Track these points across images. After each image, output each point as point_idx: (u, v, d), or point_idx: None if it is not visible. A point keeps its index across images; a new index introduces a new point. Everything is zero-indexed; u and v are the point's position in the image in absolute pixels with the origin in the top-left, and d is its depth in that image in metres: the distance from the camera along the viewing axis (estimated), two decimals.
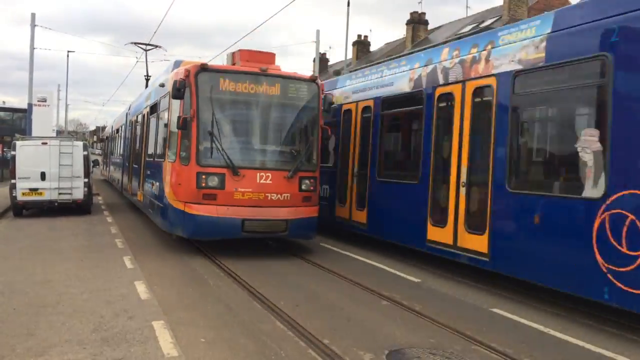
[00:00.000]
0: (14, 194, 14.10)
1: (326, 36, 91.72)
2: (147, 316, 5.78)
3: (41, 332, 5.22)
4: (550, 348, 5.36)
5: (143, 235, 11.79)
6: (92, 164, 16.30)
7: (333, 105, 10.76)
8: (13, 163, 14.22)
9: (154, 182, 11.44)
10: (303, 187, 9.49)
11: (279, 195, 9.21)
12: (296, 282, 7.80)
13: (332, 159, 12.11)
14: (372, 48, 42.22)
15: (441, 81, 8.63)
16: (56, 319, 5.63)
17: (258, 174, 9.08)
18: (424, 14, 35.02)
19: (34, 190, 14.18)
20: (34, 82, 25.55)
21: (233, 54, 10.33)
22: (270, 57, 10.08)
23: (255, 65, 9.56)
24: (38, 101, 24.98)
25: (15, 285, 6.99)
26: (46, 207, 14.62)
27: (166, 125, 10.20)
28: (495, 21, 27.49)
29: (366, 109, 10.85)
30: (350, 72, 8.93)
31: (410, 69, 9.61)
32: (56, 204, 14.46)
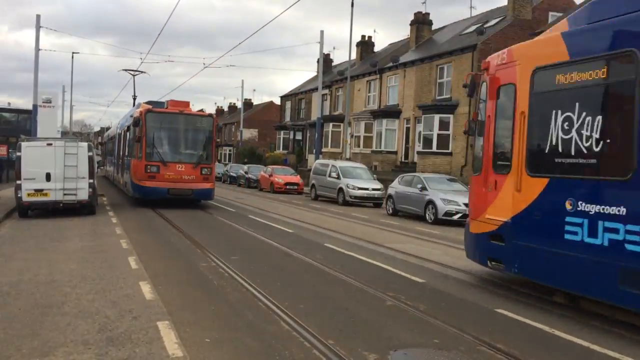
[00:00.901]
0: (19, 195, 14.14)
1: (330, 37, 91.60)
2: (152, 316, 5.79)
3: (46, 332, 5.24)
4: (556, 349, 5.34)
5: (148, 236, 11.82)
6: (96, 165, 16.38)
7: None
8: (18, 164, 14.26)
9: (126, 171, 19.50)
10: (203, 172, 17.44)
11: (188, 177, 17.19)
12: (300, 282, 7.80)
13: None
14: (376, 49, 42.22)
15: None
16: (61, 319, 5.65)
17: (177, 165, 17.14)
18: (428, 14, 35.00)
19: (39, 191, 14.23)
20: (39, 83, 25.75)
21: (167, 101, 18.82)
22: (186, 104, 18.54)
23: (177, 108, 17.87)
24: (43, 102, 25.05)
25: (20, 285, 7.02)
26: (51, 207, 14.67)
27: (131, 139, 18.43)
28: (500, 21, 27.44)
29: None
30: None
31: None
32: (61, 204, 14.50)
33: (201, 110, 19.70)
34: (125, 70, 31.94)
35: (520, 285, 8.04)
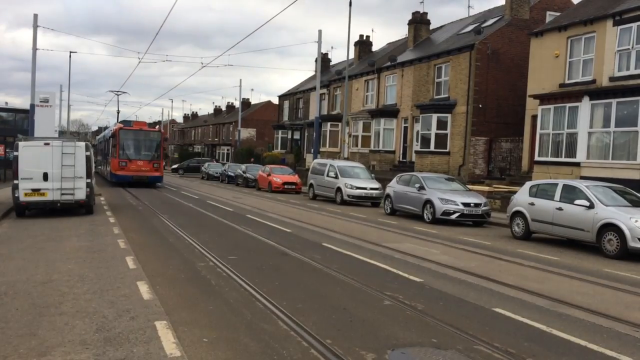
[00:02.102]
0: (16, 195, 14.12)
1: (328, 36, 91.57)
2: (150, 316, 5.79)
3: (44, 332, 5.24)
4: (553, 348, 5.35)
5: (145, 236, 11.82)
6: (94, 165, 16.36)
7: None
8: (15, 164, 14.24)
9: (108, 165, 30.86)
10: (154, 166, 27.45)
11: (145, 169, 27.21)
12: (298, 282, 7.81)
13: None
14: (374, 48, 42.22)
15: None
16: (59, 319, 5.65)
17: (138, 162, 27.08)
18: (425, 13, 35.03)
19: (36, 190, 14.21)
20: (36, 82, 25.69)
21: (132, 122, 29.98)
22: (144, 123, 30.39)
23: (138, 126, 28.57)
24: (40, 102, 25.03)
25: (18, 285, 7.01)
26: (49, 207, 14.66)
27: (111, 145, 29.33)
28: (497, 21, 27.47)
29: None
30: None
31: None
32: (59, 204, 14.48)
33: (153, 127, 32.68)
34: (111, 90, 42.08)
35: (518, 284, 8.07)
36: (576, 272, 9.42)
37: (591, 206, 11.66)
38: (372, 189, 22.18)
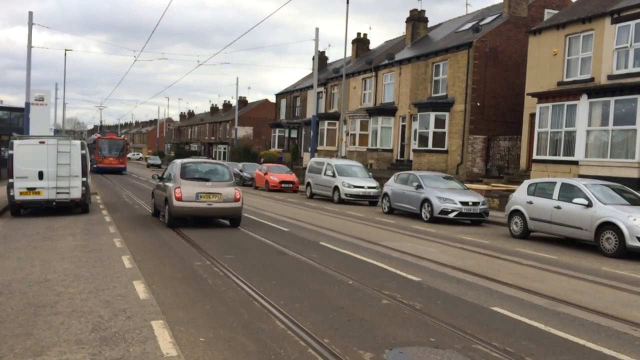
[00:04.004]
0: (11, 194, 14.02)
1: (325, 34, 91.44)
2: (146, 316, 5.75)
3: (39, 331, 5.19)
4: (551, 347, 5.33)
5: (142, 235, 11.76)
6: (89, 163, 16.26)
7: None
8: (10, 162, 14.13)
9: (92, 162, 36.95)
10: (120, 160, 43.55)
11: (114, 162, 42.76)
12: (296, 281, 7.77)
13: None
14: (372, 46, 42.17)
15: None
16: (55, 318, 5.60)
17: (110, 158, 42.64)
18: (423, 11, 35.01)
19: (31, 189, 14.13)
20: (32, 81, 25.58)
21: (107, 132, 56.01)
22: (115, 134, 50.06)
23: (110, 136, 46.10)
24: (35, 100, 24.92)
25: (13, 285, 6.96)
26: (44, 206, 14.57)
27: (93, 148, 39.18)
28: (495, 19, 27.45)
29: None
30: None
31: None
32: (54, 203, 14.40)
33: (120, 136, 50.07)
34: (96, 105, 51.06)
35: (515, 282, 8.05)
36: (574, 271, 9.40)
37: (589, 205, 11.62)
38: (369, 187, 22.15)
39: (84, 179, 14.78)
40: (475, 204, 16.24)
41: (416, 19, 34.65)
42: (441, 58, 27.73)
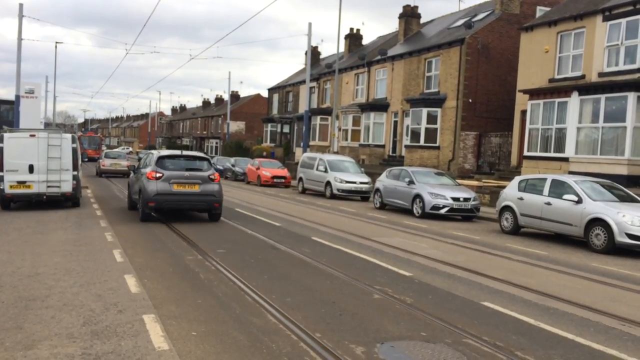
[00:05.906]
0: (1, 187, 13.91)
1: (318, 30, 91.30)
2: (138, 309, 5.74)
3: (30, 325, 5.17)
4: (541, 341, 5.39)
5: (133, 229, 11.71)
6: (80, 157, 16.14)
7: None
8: (0, 156, 14.01)
9: (83, 155, 32.88)
10: (96, 152, 52.31)
11: (92, 154, 52.25)
12: (287, 276, 7.78)
13: None
14: (365, 41, 42.14)
15: None
16: (45, 312, 5.58)
17: (89, 150, 52.70)
18: (416, 7, 35.00)
19: (22, 183, 14.02)
20: (22, 73, 25.31)
21: (87, 131, 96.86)
22: (93, 132, 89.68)
23: (89, 134, 69.92)
24: (26, 93, 24.70)
25: (3, 278, 6.91)
26: (34, 200, 14.47)
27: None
28: (488, 15, 27.52)
29: None
30: None
31: None
32: (45, 197, 14.30)
33: (97, 134, 79.47)
34: (81, 109, 59.96)
35: (506, 278, 8.11)
36: (564, 267, 9.49)
37: (579, 201, 11.70)
38: (361, 183, 22.18)
39: (75, 172, 14.69)
40: (466, 199, 16.32)
41: (409, 14, 34.66)
42: (433, 54, 27.78)
